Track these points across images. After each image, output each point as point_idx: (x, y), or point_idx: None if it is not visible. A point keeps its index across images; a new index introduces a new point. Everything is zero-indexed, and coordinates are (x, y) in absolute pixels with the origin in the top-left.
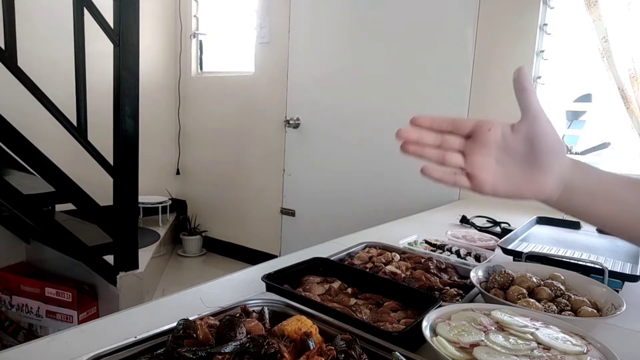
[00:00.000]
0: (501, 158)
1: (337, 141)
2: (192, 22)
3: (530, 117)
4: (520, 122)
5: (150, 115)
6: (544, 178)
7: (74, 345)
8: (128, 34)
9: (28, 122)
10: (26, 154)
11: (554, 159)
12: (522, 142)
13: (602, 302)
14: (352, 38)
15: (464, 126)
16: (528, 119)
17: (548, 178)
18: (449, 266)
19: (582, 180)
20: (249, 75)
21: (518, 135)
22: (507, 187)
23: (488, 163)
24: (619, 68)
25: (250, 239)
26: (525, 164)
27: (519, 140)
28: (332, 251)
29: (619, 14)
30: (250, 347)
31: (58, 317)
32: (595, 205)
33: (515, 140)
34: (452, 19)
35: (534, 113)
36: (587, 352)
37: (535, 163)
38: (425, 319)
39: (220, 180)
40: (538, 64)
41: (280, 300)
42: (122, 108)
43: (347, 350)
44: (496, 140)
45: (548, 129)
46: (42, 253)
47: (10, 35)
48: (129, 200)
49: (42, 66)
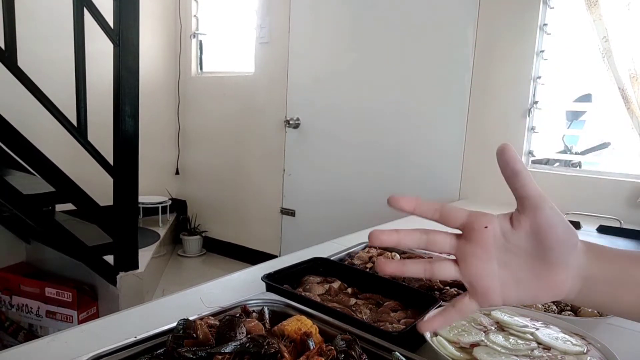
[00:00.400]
0: (504, 259)
1: (337, 141)
2: (192, 22)
3: (530, 207)
4: (520, 214)
5: (150, 115)
6: (559, 275)
7: (74, 345)
8: (128, 34)
9: (28, 122)
10: (26, 154)
11: (568, 252)
12: (526, 238)
13: None
14: (352, 38)
15: (454, 218)
16: (528, 211)
17: (564, 274)
18: None
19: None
20: (249, 75)
21: (520, 230)
22: (519, 293)
23: (489, 269)
24: (620, 68)
25: (250, 239)
26: (534, 262)
27: (523, 236)
28: (332, 251)
29: (619, 14)
30: (250, 347)
31: (58, 317)
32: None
33: (518, 236)
34: (452, 19)
35: (534, 202)
36: (587, 352)
37: (546, 260)
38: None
39: (220, 180)
40: (538, 64)
41: (280, 300)
42: (122, 108)
43: (347, 350)
44: (495, 239)
45: (554, 218)
46: (42, 253)
47: (10, 35)
48: (129, 200)
49: (42, 66)
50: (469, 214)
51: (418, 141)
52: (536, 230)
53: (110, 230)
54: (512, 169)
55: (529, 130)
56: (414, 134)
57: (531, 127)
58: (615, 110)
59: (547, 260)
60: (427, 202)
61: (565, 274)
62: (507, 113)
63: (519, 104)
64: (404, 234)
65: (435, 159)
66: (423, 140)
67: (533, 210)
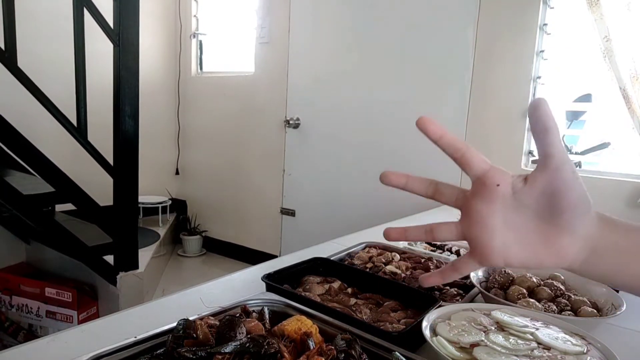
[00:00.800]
0: (510, 219)
1: (337, 141)
2: (192, 22)
3: (552, 166)
4: (538, 172)
5: (150, 115)
6: (566, 241)
7: (73, 345)
8: (128, 34)
9: (28, 122)
10: (26, 154)
11: (579, 218)
12: (538, 197)
13: (602, 302)
14: (352, 38)
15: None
16: (549, 169)
17: (571, 241)
18: None
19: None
20: (249, 75)
21: (533, 188)
22: (522, 255)
23: (493, 228)
24: (621, 68)
25: (250, 239)
26: (541, 225)
27: (535, 194)
28: (332, 251)
29: (620, 14)
30: (250, 347)
31: (58, 317)
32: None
33: (529, 194)
34: (452, 19)
35: (558, 162)
36: (587, 352)
37: (554, 223)
38: (425, 319)
39: (220, 180)
40: (538, 64)
41: (280, 300)
42: (122, 108)
43: (347, 350)
44: (505, 198)
45: (573, 182)
46: (42, 253)
47: (10, 35)
48: (129, 200)
49: (42, 66)
50: (488, 169)
51: (418, 141)
52: (551, 191)
53: (110, 230)
54: (543, 125)
55: (529, 131)
56: (414, 133)
57: None
58: (615, 110)
59: (555, 224)
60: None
61: (572, 241)
62: (507, 113)
63: (519, 104)
64: (414, 179)
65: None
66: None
67: (554, 170)
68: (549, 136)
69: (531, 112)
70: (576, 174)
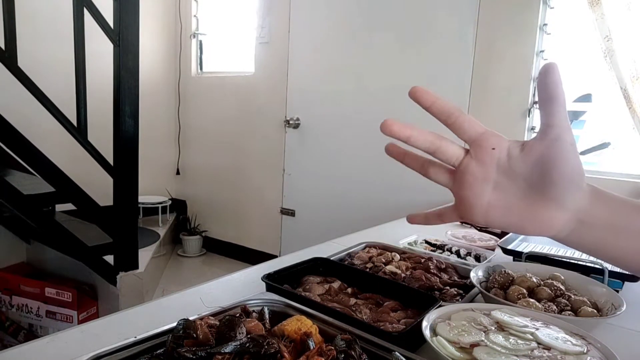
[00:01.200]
0: (501, 183)
1: (337, 141)
2: (192, 22)
3: (551, 135)
4: (536, 141)
5: (150, 115)
6: (553, 213)
7: (73, 345)
8: (128, 34)
9: (28, 122)
10: (26, 154)
11: (570, 191)
12: (532, 166)
13: (602, 302)
14: (351, 38)
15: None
16: (547, 139)
17: (559, 213)
18: (449, 266)
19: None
20: (248, 75)
21: (528, 156)
22: (505, 219)
23: (481, 189)
24: (622, 67)
25: (250, 239)
26: (531, 193)
27: (529, 162)
28: (332, 251)
29: (620, 14)
30: (250, 347)
31: (58, 317)
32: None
33: (523, 162)
34: (452, 19)
35: (558, 132)
36: (587, 352)
37: (544, 194)
38: (425, 319)
39: (220, 180)
40: (538, 64)
41: (280, 300)
42: (122, 108)
43: (347, 350)
44: (499, 162)
45: (570, 154)
46: (42, 253)
47: (10, 35)
48: (129, 200)
49: (42, 66)
50: (483, 132)
51: None
52: (546, 160)
53: (110, 230)
54: (550, 92)
55: (529, 130)
56: None
57: (531, 127)
58: (615, 110)
59: (545, 194)
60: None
61: (559, 214)
62: (507, 113)
63: (519, 104)
64: (418, 132)
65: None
66: None
67: (553, 140)
68: (553, 105)
69: (541, 77)
70: (574, 147)
